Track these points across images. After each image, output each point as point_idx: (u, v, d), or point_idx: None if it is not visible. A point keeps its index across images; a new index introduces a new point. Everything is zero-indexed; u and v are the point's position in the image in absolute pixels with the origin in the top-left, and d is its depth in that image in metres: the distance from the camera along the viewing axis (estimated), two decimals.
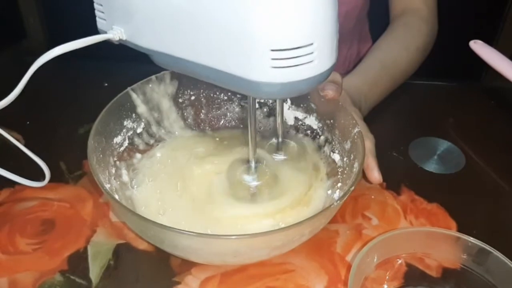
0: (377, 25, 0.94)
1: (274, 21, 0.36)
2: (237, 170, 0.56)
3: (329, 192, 0.57)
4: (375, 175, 0.58)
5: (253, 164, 0.55)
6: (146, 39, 0.45)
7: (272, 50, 0.37)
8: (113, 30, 0.47)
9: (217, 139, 0.65)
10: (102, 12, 0.48)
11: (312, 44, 0.38)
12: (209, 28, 0.39)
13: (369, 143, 0.59)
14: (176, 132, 0.64)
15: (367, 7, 0.96)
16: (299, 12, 0.36)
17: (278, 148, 0.60)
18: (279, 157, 0.60)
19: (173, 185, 0.58)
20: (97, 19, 0.49)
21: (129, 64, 0.79)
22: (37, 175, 0.61)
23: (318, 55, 0.38)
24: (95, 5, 0.48)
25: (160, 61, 0.45)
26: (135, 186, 0.58)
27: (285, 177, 0.57)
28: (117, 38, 0.46)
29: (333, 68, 0.42)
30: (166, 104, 0.62)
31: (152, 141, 0.62)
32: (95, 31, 0.50)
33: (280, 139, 0.60)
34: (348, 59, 0.99)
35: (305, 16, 0.37)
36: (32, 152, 0.58)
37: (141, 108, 0.60)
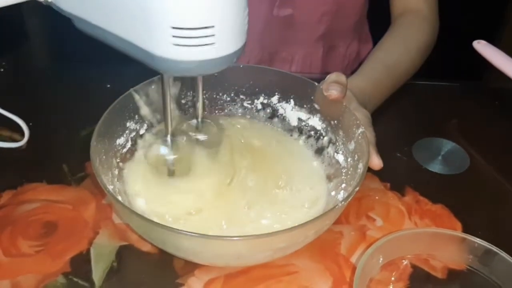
0: (377, 25, 0.94)
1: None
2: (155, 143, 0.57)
3: (333, 193, 0.57)
4: (375, 160, 0.57)
5: (169, 139, 0.54)
6: (68, 4, 0.45)
7: (173, 28, 0.38)
8: None
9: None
10: None
11: (213, 26, 0.38)
12: (116, 0, 0.40)
13: (369, 135, 0.59)
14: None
15: (367, 8, 0.96)
16: None
17: (197, 128, 0.59)
18: (199, 136, 0.59)
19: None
20: None
21: (131, 66, 0.79)
22: (39, 177, 0.61)
23: (219, 38, 0.39)
24: None
25: (80, 27, 0.46)
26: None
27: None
28: (43, 0, 0.47)
29: (241, 52, 0.43)
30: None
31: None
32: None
33: (199, 119, 0.59)
34: (347, 58, 0.99)
35: None
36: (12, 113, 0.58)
37: (144, 110, 0.60)
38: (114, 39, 0.42)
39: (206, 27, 0.38)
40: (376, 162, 0.57)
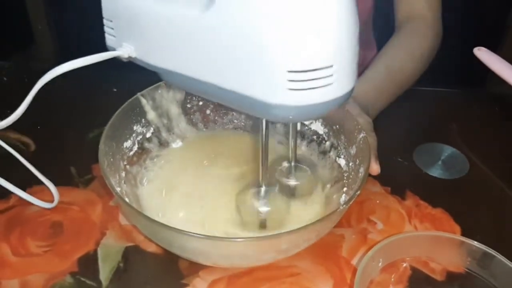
0: (381, 32, 0.95)
1: (292, 42, 0.34)
2: (247, 194, 0.53)
3: (335, 196, 0.58)
4: (374, 166, 0.58)
5: (263, 188, 0.51)
6: (156, 58, 0.44)
7: (289, 72, 0.35)
8: (122, 48, 0.46)
9: (225, 142, 0.66)
10: (112, 29, 0.47)
11: (331, 66, 0.36)
12: (222, 48, 0.37)
13: (371, 140, 0.60)
14: (186, 137, 0.65)
15: (371, 14, 0.97)
16: (319, 33, 0.35)
17: (289, 172, 0.56)
18: (291, 182, 0.56)
19: (181, 188, 0.59)
20: (106, 35, 0.48)
21: (138, 70, 0.80)
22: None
23: (337, 78, 0.37)
24: (105, 21, 0.47)
25: (170, 80, 0.45)
26: (144, 188, 0.59)
27: (297, 205, 0.55)
28: (127, 56, 0.45)
29: (352, 92, 0.40)
30: (175, 111, 0.63)
31: (160, 146, 0.63)
32: (102, 39, 0.50)
33: (293, 163, 0.56)
34: None
35: (325, 37, 0.35)
36: (41, 174, 0.59)
37: (151, 115, 0.61)
38: (214, 91, 0.39)
39: (324, 68, 0.36)
40: (374, 168, 0.58)
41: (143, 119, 0.61)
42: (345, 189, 0.56)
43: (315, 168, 0.58)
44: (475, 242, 0.52)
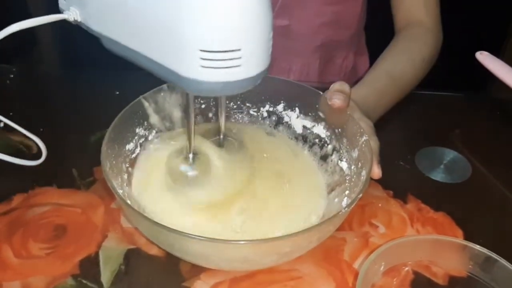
0: (373, 38, 0.95)
1: (205, 23, 0.38)
2: (176, 160, 0.57)
3: (336, 200, 0.58)
4: (375, 170, 0.58)
5: (191, 155, 0.55)
6: (97, 24, 0.47)
7: (201, 51, 0.39)
8: (69, 11, 0.48)
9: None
10: None
11: (239, 49, 0.39)
12: (148, 22, 0.41)
13: (373, 143, 0.60)
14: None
15: (364, 20, 0.98)
16: (228, 17, 0.38)
17: (220, 145, 0.60)
18: (223, 154, 0.59)
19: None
20: None
21: (140, 73, 0.80)
22: (49, 180, 0.62)
23: (246, 60, 0.40)
24: None
25: (108, 46, 0.47)
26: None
27: (220, 167, 0.58)
28: (72, 19, 0.48)
29: (265, 73, 0.44)
30: (178, 114, 0.63)
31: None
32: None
33: (221, 136, 0.59)
34: (343, 70, 1.00)
35: (233, 21, 0.39)
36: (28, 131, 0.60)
37: (153, 117, 0.61)
38: (142, 59, 0.43)
39: (233, 50, 0.39)
40: (376, 172, 0.58)
41: (145, 122, 0.61)
42: (347, 192, 0.56)
43: (241, 142, 0.62)
44: (477, 246, 0.52)
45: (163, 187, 0.57)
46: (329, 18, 0.89)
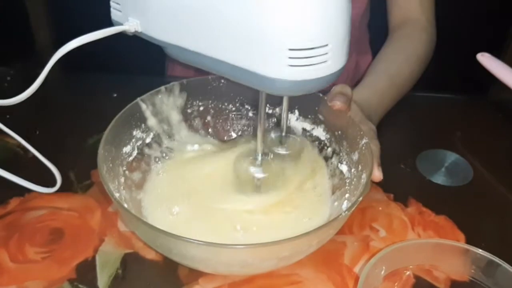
0: (377, 37, 0.95)
1: (293, 22, 0.38)
2: (243, 163, 0.58)
3: (336, 203, 0.57)
4: (375, 173, 0.57)
5: (259, 157, 0.56)
6: (161, 32, 0.45)
7: (290, 50, 0.38)
8: (128, 22, 0.47)
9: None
10: (118, 4, 0.48)
11: (327, 45, 0.39)
12: (225, 24, 0.40)
13: (373, 146, 0.59)
14: (186, 144, 0.65)
15: (367, 20, 0.97)
16: (316, 14, 0.38)
17: (281, 142, 0.60)
18: (282, 151, 0.60)
19: (180, 188, 0.59)
20: (112, 10, 0.49)
21: (138, 75, 0.80)
22: (46, 183, 0.61)
23: (332, 56, 0.40)
24: None
25: (173, 54, 0.46)
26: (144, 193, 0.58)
27: (289, 170, 0.59)
28: (133, 30, 0.47)
29: (344, 67, 0.43)
30: (176, 117, 0.63)
31: (160, 151, 0.63)
32: (103, 46, 0.50)
33: (283, 133, 0.60)
34: (346, 71, 1.00)
35: (322, 18, 0.38)
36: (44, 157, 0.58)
37: (151, 119, 0.61)
38: (215, 65, 0.43)
39: (321, 46, 0.39)
40: (377, 175, 0.57)
41: (143, 124, 0.60)
42: (347, 195, 0.55)
43: (304, 137, 0.63)
44: (480, 250, 0.51)
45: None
46: None
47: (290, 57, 0.39)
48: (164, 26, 0.45)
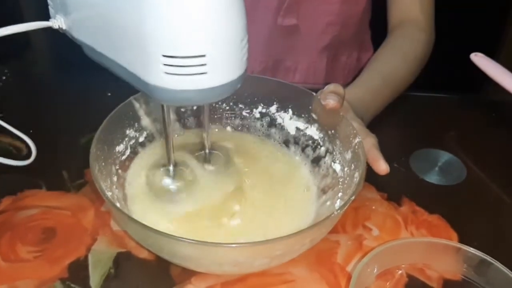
0: (379, 34, 0.95)
1: (166, 27, 0.37)
2: (157, 172, 0.57)
3: (328, 203, 0.57)
4: (382, 166, 0.57)
5: (171, 168, 0.55)
6: (78, 31, 0.47)
7: (164, 56, 0.38)
8: (55, 19, 0.48)
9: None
10: (51, 1, 0.50)
11: (204, 55, 0.38)
12: (115, 28, 0.41)
13: (372, 140, 0.59)
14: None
15: (369, 17, 0.97)
16: (190, 21, 0.37)
17: (205, 159, 0.59)
18: (209, 167, 0.59)
19: None
20: (49, 6, 0.50)
21: None
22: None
23: (211, 68, 0.39)
24: None
25: (88, 53, 0.47)
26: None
27: (205, 182, 0.57)
28: (57, 27, 0.49)
29: (239, 82, 0.42)
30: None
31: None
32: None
33: (207, 150, 0.59)
34: (347, 67, 1.00)
35: (196, 26, 0.38)
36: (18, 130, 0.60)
37: (144, 118, 0.61)
38: (115, 67, 0.43)
39: (197, 56, 0.38)
40: (383, 168, 0.56)
41: (136, 123, 0.60)
42: (340, 194, 0.55)
43: (227, 155, 0.61)
44: (472, 248, 0.52)
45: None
46: (337, 17, 0.88)
47: (165, 64, 0.38)
48: (81, 26, 0.47)
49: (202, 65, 0.39)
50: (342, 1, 0.87)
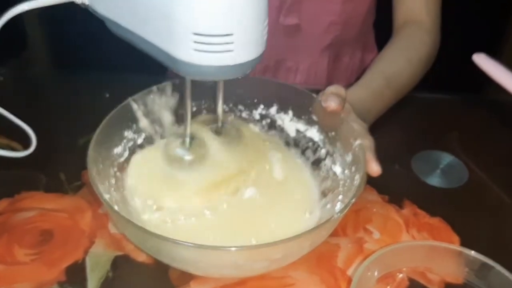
0: (383, 35, 0.94)
1: (198, 7, 0.40)
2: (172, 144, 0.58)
3: (329, 206, 0.56)
4: (374, 167, 0.56)
5: (187, 139, 0.56)
6: (103, 6, 0.48)
7: (194, 34, 0.41)
8: None
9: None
10: None
11: (231, 34, 0.41)
12: (144, 5, 0.43)
13: (368, 142, 0.58)
14: None
15: (373, 17, 0.97)
16: (221, 2, 0.40)
17: (217, 132, 0.60)
18: (219, 138, 0.60)
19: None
20: None
21: (131, 75, 0.79)
22: None
23: (237, 46, 0.42)
24: None
25: (112, 28, 0.48)
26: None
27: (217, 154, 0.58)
28: (80, 2, 0.49)
29: (258, 61, 0.45)
30: (168, 118, 0.62)
31: None
32: (94, 45, 0.50)
33: (220, 124, 0.60)
34: (350, 68, 0.99)
35: (226, 7, 0.40)
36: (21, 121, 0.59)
37: (142, 120, 0.60)
38: (140, 42, 0.45)
39: (225, 35, 0.41)
40: (375, 169, 0.56)
41: (134, 125, 0.60)
42: (340, 197, 0.55)
43: (239, 130, 0.62)
44: (473, 252, 0.51)
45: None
46: (339, 16, 0.88)
47: (195, 41, 0.41)
48: (105, 1, 0.48)
49: (229, 43, 0.41)
50: (344, 1, 0.86)
